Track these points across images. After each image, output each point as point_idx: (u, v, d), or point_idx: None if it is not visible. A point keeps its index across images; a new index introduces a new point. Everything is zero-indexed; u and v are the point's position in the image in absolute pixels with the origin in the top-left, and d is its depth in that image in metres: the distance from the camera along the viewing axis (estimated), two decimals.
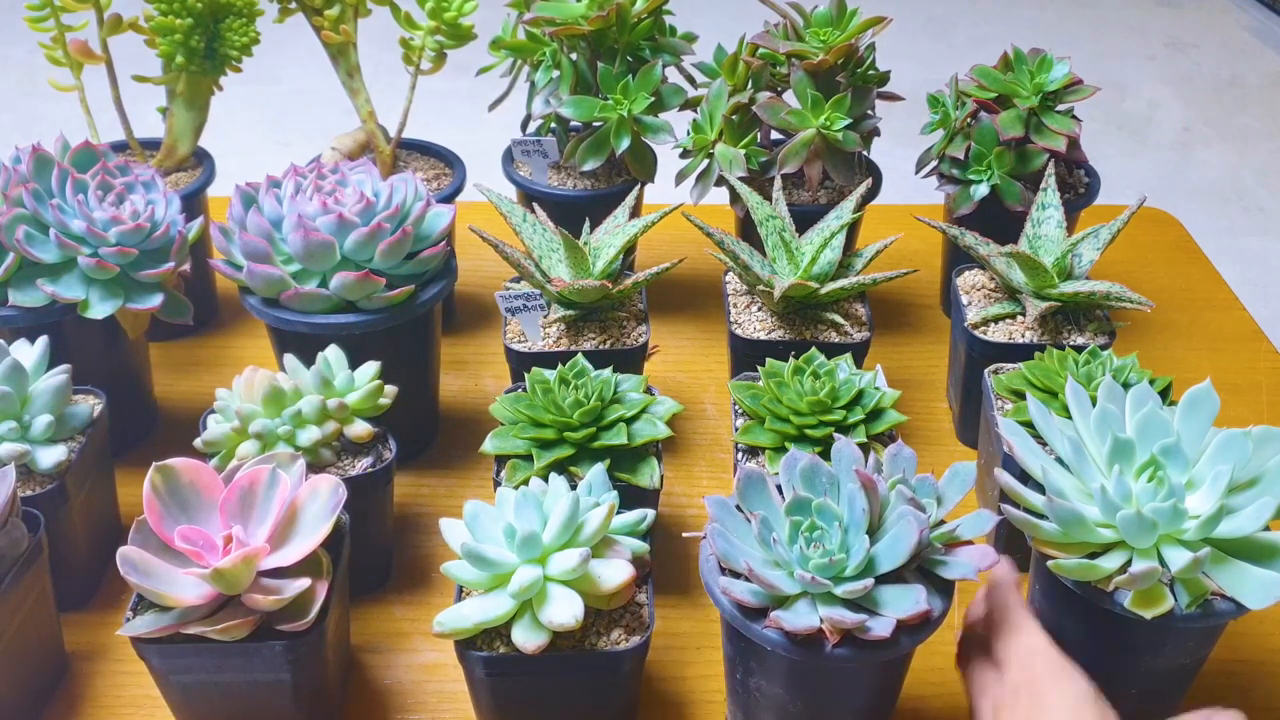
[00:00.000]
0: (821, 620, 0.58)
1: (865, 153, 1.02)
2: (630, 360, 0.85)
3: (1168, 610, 0.60)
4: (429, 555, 0.82)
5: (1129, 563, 0.61)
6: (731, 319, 0.89)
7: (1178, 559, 0.60)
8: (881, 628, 0.57)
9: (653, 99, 0.98)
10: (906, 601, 0.58)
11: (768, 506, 0.62)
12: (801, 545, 0.59)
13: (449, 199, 1.00)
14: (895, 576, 0.60)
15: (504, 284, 0.89)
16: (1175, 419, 0.64)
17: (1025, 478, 0.67)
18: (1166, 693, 0.67)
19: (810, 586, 0.58)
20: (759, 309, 0.90)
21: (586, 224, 0.91)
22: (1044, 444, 0.70)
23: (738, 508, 0.63)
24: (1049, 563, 0.61)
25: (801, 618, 0.58)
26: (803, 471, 0.62)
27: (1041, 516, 0.63)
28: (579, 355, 0.77)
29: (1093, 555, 0.62)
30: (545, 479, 0.69)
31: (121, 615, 0.64)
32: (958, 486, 0.63)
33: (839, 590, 0.58)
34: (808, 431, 0.73)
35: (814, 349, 0.78)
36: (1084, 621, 0.64)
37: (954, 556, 0.61)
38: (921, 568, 0.61)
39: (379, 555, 0.80)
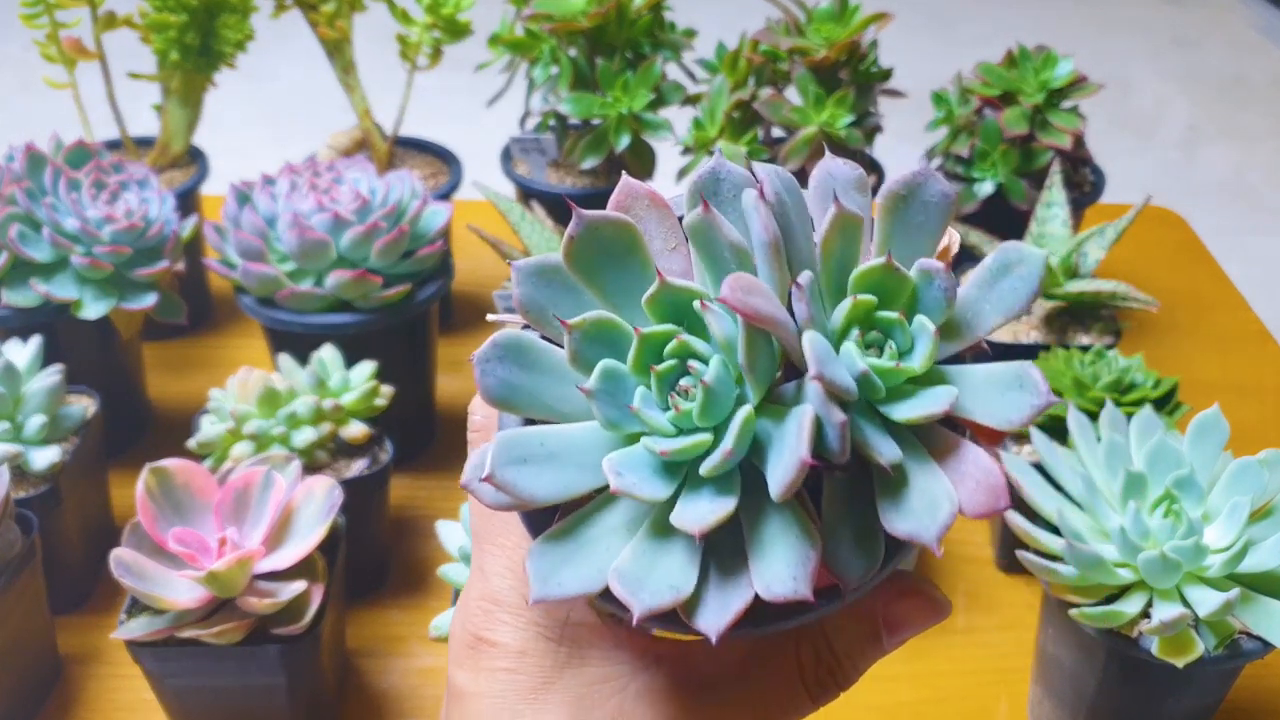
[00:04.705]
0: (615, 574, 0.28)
1: (868, 150, 1.02)
2: None
3: (1198, 657, 0.58)
4: (426, 558, 0.81)
5: (1149, 603, 0.60)
6: None
7: (1205, 601, 0.58)
8: (714, 610, 0.28)
9: (653, 96, 0.97)
10: (782, 559, 0.28)
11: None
12: (650, 393, 0.29)
13: (445, 197, 0.99)
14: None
15: (502, 283, 0.88)
16: (1185, 446, 0.62)
17: (1031, 514, 0.64)
18: None
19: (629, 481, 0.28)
20: None
21: None
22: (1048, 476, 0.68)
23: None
24: (1071, 611, 0.59)
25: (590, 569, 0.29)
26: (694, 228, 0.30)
27: (1055, 558, 0.61)
28: None
29: (1110, 598, 0.61)
30: None
31: (115, 618, 0.63)
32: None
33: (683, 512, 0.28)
34: None
35: None
36: (1104, 667, 0.62)
37: (923, 476, 0.28)
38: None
39: (375, 558, 0.79)
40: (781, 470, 0.27)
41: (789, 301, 0.28)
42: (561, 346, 0.30)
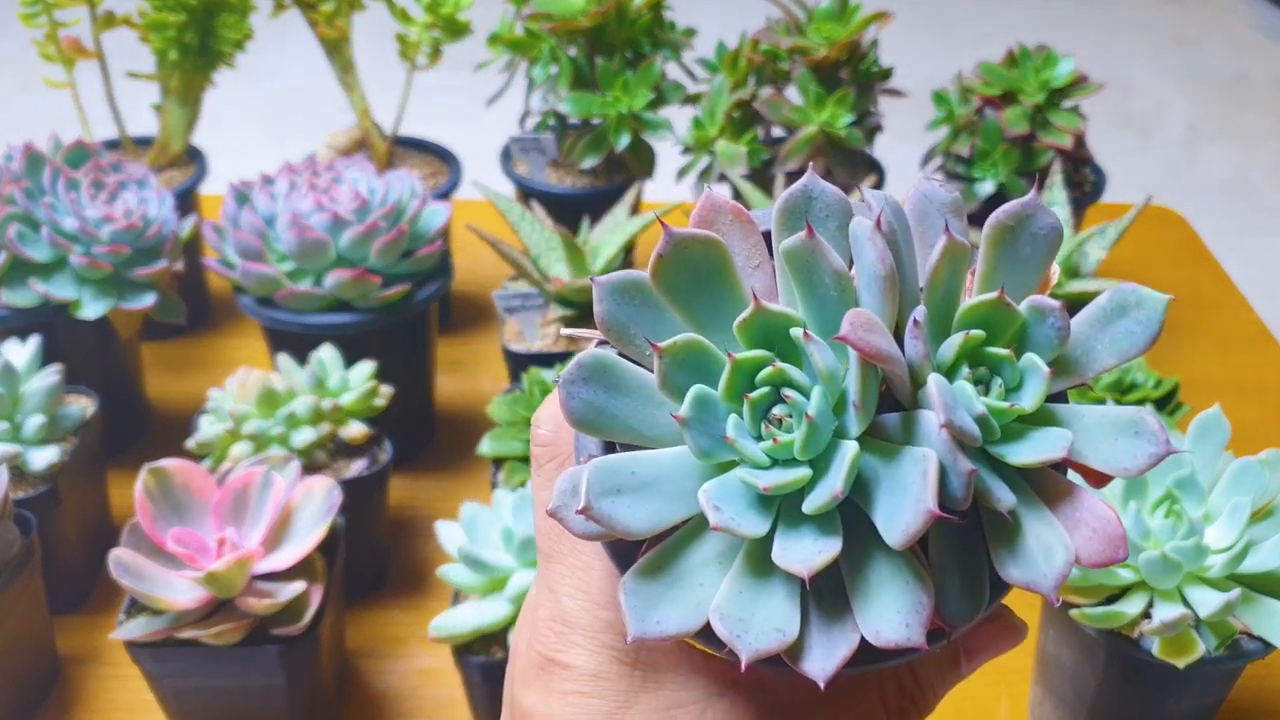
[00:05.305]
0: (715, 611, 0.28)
1: (868, 150, 1.01)
2: None
3: (1199, 657, 0.58)
4: (425, 559, 0.81)
5: (1150, 604, 0.60)
6: None
7: (1206, 601, 0.58)
8: (820, 654, 0.28)
9: (653, 95, 0.97)
10: (894, 606, 0.27)
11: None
12: (742, 421, 0.29)
13: (444, 196, 0.99)
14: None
15: (502, 284, 0.88)
16: (1186, 446, 0.62)
17: None
18: None
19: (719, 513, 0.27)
20: None
21: (585, 222, 0.90)
22: None
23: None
24: (1071, 611, 0.59)
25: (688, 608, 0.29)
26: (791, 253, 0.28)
27: None
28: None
29: (1111, 598, 0.61)
30: None
31: (114, 619, 0.63)
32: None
33: (784, 554, 0.28)
34: None
35: None
36: (1105, 668, 0.62)
37: (1037, 522, 0.28)
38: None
39: (374, 558, 0.79)
40: (905, 519, 0.26)
41: (896, 333, 0.28)
42: (643, 365, 0.29)
